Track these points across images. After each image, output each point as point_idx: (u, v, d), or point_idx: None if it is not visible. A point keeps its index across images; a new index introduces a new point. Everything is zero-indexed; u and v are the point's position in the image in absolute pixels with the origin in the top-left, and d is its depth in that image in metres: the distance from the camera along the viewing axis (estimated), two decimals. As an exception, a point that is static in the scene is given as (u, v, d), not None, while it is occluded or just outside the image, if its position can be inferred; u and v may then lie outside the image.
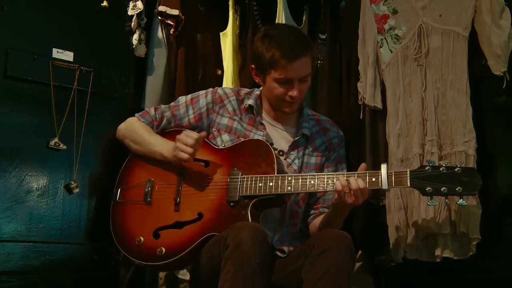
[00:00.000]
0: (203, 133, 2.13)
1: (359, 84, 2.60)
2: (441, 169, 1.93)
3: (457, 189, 1.90)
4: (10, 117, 2.39)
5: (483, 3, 2.36)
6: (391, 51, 2.54)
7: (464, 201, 1.93)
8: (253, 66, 2.22)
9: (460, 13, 2.42)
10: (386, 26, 2.56)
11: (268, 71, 2.12)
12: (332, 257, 1.83)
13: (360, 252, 2.70)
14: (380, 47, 2.57)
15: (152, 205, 2.18)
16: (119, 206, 2.25)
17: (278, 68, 2.08)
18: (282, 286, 1.99)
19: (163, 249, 2.06)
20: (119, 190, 2.27)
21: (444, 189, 1.92)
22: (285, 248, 2.13)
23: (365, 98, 2.55)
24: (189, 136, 2.08)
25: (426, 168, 1.95)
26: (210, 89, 2.33)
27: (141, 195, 2.21)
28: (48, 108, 2.45)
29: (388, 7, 2.57)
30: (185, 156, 2.08)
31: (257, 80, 2.24)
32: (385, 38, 2.56)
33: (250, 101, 2.25)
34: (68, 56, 2.55)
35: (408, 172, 1.95)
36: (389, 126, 2.49)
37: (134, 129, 2.29)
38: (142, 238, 2.12)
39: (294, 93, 2.12)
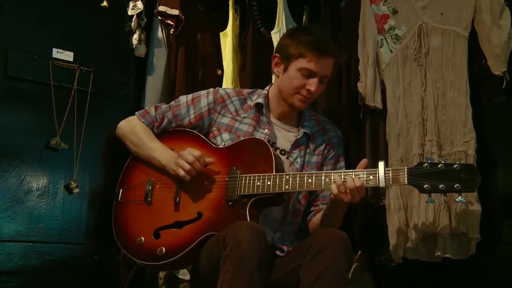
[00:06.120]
0: (211, 160, 2.13)
1: (359, 84, 2.59)
2: (439, 166, 1.89)
3: (455, 186, 1.86)
4: (10, 117, 2.40)
5: (483, 3, 2.36)
6: (391, 51, 2.54)
7: (463, 198, 1.89)
8: (277, 54, 2.24)
9: (460, 13, 2.41)
10: (386, 26, 2.56)
11: (295, 58, 2.14)
12: (329, 257, 1.82)
13: (360, 252, 2.70)
14: (380, 47, 2.57)
15: (152, 205, 2.18)
16: (121, 206, 2.25)
17: (307, 58, 2.12)
18: (281, 285, 1.99)
19: (163, 249, 2.06)
20: (121, 190, 2.27)
21: (442, 186, 1.88)
22: (285, 247, 2.13)
23: (365, 98, 2.55)
24: (191, 154, 2.09)
25: (424, 165, 1.90)
26: (211, 89, 2.33)
27: (142, 195, 2.21)
28: (48, 108, 2.46)
29: (388, 7, 2.57)
30: (182, 173, 2.09)
31: (275, 70, 2.25)
32: (385, 38, 2.56)
33: (260, 99, 2.26)
34: (68, 56, 2.55)
35: (405, 169, 1.92)
36: (389, 126, 2.49)
37: (135, 130, 2.28)
38: (142, 238, 2.12)
39: (312, 87, 2.14)
